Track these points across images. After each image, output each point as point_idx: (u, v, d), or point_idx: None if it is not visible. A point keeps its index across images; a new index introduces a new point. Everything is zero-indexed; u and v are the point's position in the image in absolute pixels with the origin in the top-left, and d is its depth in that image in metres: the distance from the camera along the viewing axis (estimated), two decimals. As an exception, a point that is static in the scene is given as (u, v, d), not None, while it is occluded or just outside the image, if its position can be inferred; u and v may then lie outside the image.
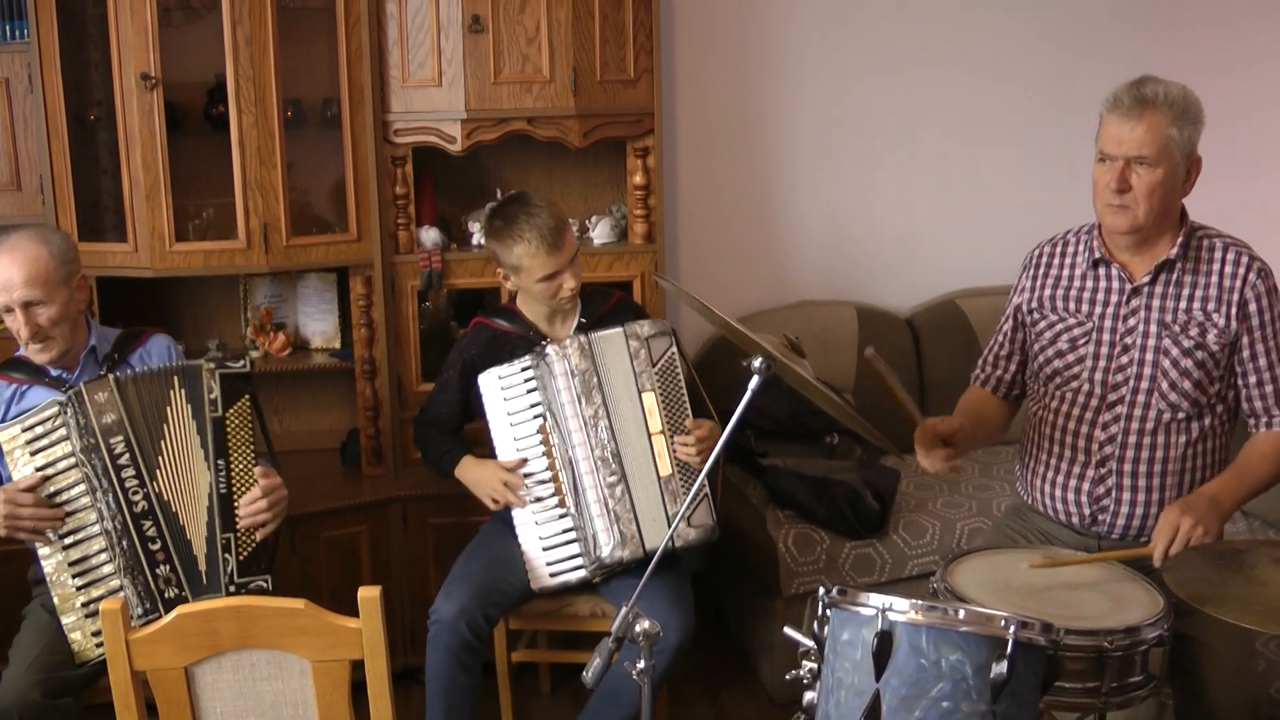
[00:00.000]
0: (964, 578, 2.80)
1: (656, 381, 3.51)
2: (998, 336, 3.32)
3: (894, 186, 5.07)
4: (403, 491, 4.18)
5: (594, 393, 3.49)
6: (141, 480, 3.13)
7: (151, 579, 3.12)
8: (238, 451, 3.19)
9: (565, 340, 3.53)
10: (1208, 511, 2.80)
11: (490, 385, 3.56)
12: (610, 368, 3.52)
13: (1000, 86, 5.08)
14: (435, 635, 3.39)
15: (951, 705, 2.18)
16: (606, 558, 3.46)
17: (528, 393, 3.53)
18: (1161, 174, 2.89)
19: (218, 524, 3.15)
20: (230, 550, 3.17)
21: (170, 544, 3.15)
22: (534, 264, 3.50)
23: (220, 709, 2.31)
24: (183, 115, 4.09)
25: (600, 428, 3.48)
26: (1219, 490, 2.90)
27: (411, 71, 4.06)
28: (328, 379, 4.45)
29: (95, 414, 3.11)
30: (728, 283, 4.93)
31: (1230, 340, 2.97)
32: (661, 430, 3.49)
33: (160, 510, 3.14)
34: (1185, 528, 2.75)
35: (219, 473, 3.16)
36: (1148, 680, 2.64)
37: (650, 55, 4.20)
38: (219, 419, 3.17)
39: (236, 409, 3.19)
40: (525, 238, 3.49)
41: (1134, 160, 2.89)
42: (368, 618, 2.20)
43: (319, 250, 4.10)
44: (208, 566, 3.15)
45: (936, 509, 4.23)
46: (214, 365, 3.19)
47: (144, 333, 3.47)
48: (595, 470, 3.48)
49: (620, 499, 3.47)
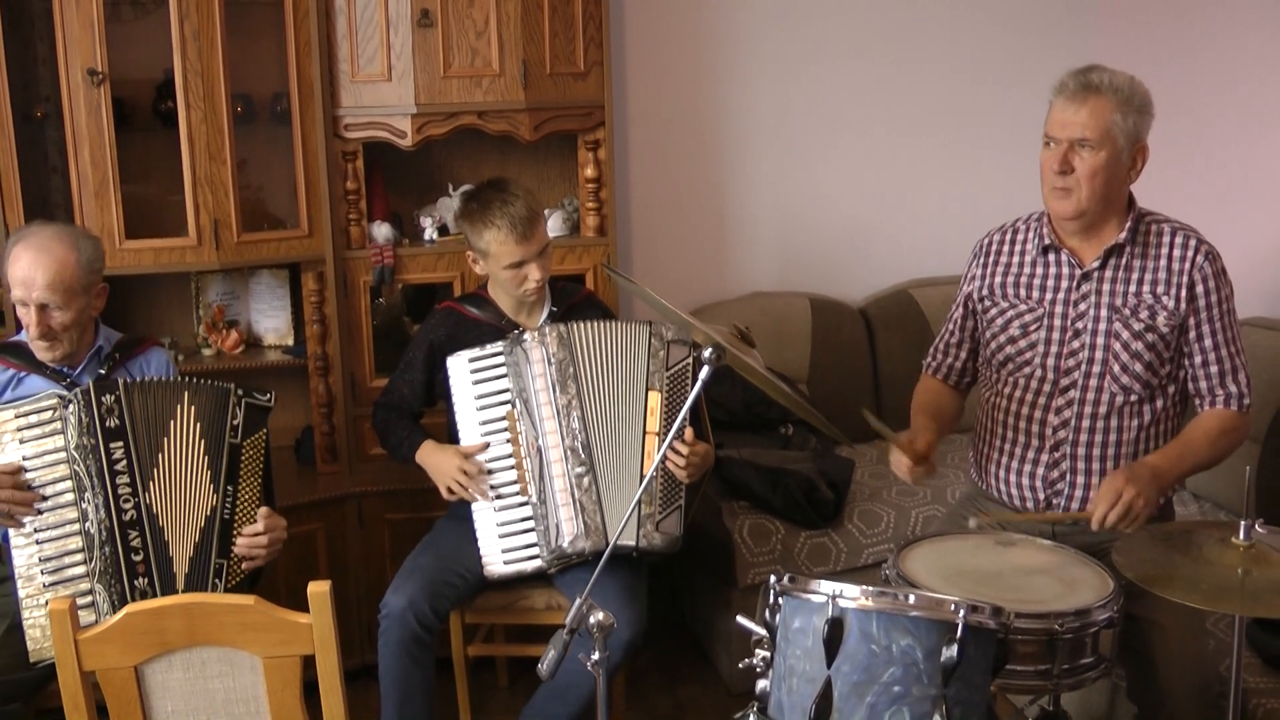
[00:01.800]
0: (916, 564, 2.82)
1: (666, 384, 3.49)
2: (949, 325, 3.34)
3: (847, 177, 5.08)
4: (358, 488, 4.17)
5: (569, 382, 3.48)
6: (134, 489, 3.08)
7: (128, 589, 3.07)
8: (246, 481, 3.16)
9: (544, 327, 3.52)
10: (1149, 482, 2.85)
11: (459, 368, 3.54)
12: (625, 357, 3.50)
13: (953, 77, 5.10)
14: (386, 630, 3.38)
15: (902, 690, 2.20)
16: (568, 547, 3.45)
17: (498, 378, 3.52)
18: (1104, 158, 2.93)
19: (214, 548, 3.11)
20: (221, 576, 3.13)
21: (153, 557, 3.09)
22: (502, 251, 3.51)
23: (171, 708, 2.29)
24: (131, 111, 4.06)
25: (573, 417, 3.47)
26: (1161, 462, 2.95)
27: (361, 66, 4.04)
28: (281, 376, 4.42)
29: (101, 415, 3.07)
30: (681, 275, 4.94)
31: (1179, 322, 3.01)
32: (658, 432, 3.46)
33: (148, 522, 3.09)
34: (1128, 495, 2.80)
35: (226, 498, 3.13)
36: (1098, 661, 2.67)
37: (600, 48, 4.20)
38: (236, 446, 3.15)
39: (254, 440, 3.18)
40: (496, 224, 3.49)
41: (1077, 143, 2.94)
42: (318, 612, 2.19)
43: (270, 246, 4.07)
44: (185, 586, 3.10)
45: (891, 498, 4.24)
46: (242, 393, 3.17)
47: (144, 341, 3.45)
48: (565, 459, 3.47)
49: (587, 490, 3.46)
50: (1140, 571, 2.49)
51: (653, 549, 3.45)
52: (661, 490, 3.46)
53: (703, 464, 3.49)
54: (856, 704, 2.21)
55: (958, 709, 2.21)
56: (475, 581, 3.53)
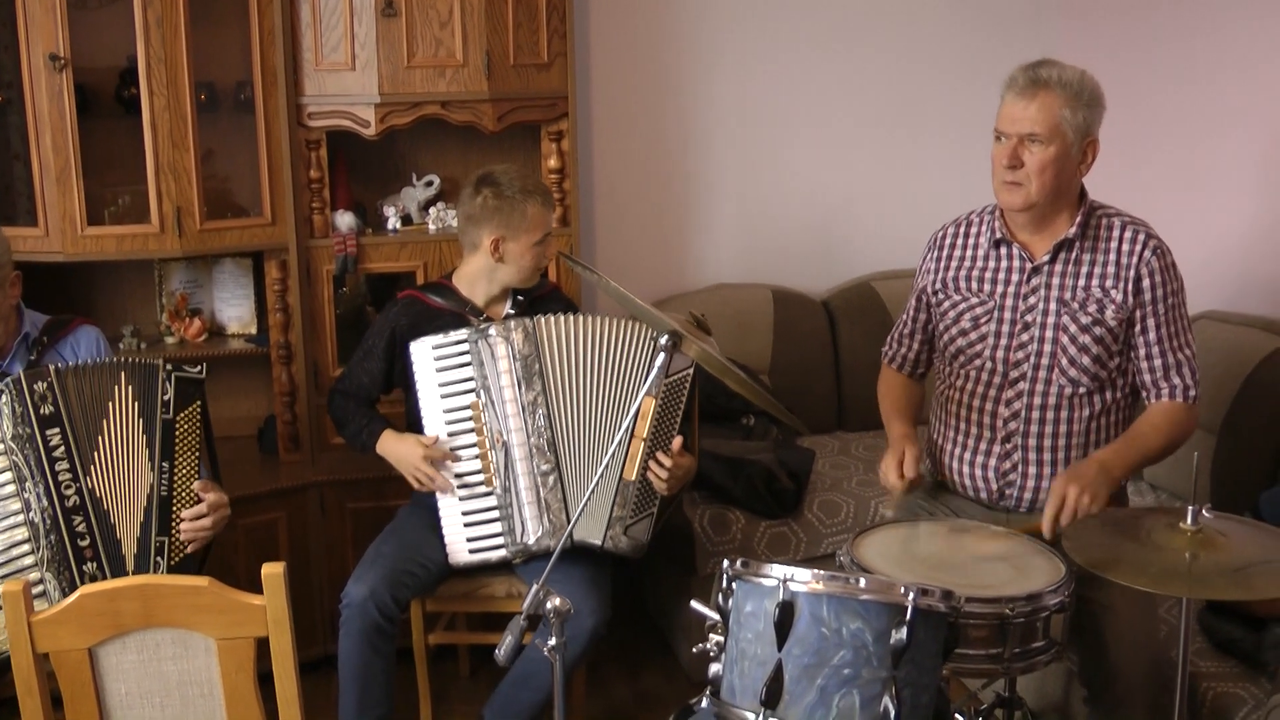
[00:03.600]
0: (870, 550, 2.84)
1: (663, 392, 3.46)
2: (904, 316, 3.38)
3: (809, 170, 5.10)
4: (321, 477, 4.17)
5: (535, 379, 3.47)
6: (75, 475, 3.04)
7: (77, 575, 3.04)
8: (183, 457, 3.12)
9: (509, 322, 3.52)
10: (1096, 478, 2.88)
11: (422, 354, 3.53)
12: (610, 357, 3.50)
13: (915, 70, 5.13)
14: (347, 619, 3.39)
15: (852, 672, 2.22)
16: (534, 545, 3.46)
17: (462, 365, 3.51)
18: (1053, 152, 2.97)
19: (154, 526, 3.09)
20: (163, 554, 3.10)
21: (99, 541, 3.06)
22: (538, 222, 3.59)
23: (125, 690, 2.28)
24: (94, 98, 4.04)
25: (538, 415, 3.46)
26: (1109, 457, 2.98)
27: (325, 55, 4.04)
28: (244, 365, 4.42)
29: (34, 403, 3.03)
30: (644, 266, 4.95)
31: (1127, 316, 3.04)
32: (645, 438, 3.44)
33: (92, 506, 3.06)
34: (1072, 496, 2.84)
35: (162, 475, 3.09)
36: (1050, 645, 2.71)
37: (564, 39, 4.21)
38: (169, 421, 3.10)
39: (187, 414, 3.13)
40: (534, 196, 3.57)
41: (1026, 138, 2.97)
42: (272, 594, 2.19)
43: (233, 235, 4.07)
44: (135, 566, 3.08)
45: (851, 488, 4.27)
46: (171, 367, 3.12)
47: (72, 322, 3.40)
48: (530, 457, 3.47)
49: (553, 488, 3.46)
50: (1090, 556, 2.52)
51: (618, 551, 3.46)
52: (637, 496, 3.46)
53: (684, 477, 3.50)
54: (807, 686, 2.23)
55: (907, 691, 2.23)
56: (438, 570, 3.53)
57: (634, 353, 3.49)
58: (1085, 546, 2.58)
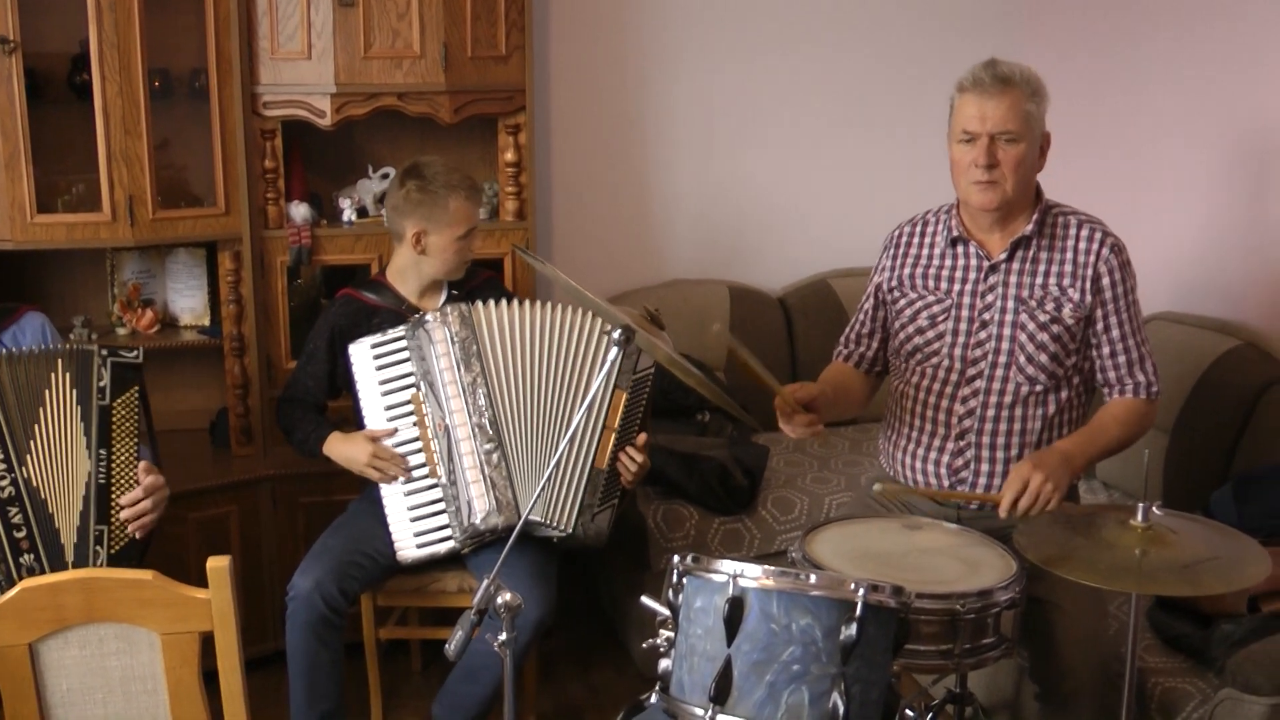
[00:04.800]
0: (822, 547, 2.84)
1: (631, 385, 3.49)
2: (859, 315, 3.36)
3: (767, 166, 5.10)
4: (272, 470, 4.14)
5: (473, 360, 3.47)
6: (9, 465, 2.98)
7: (14, 567, 2.98)
8: (121, 443, 3.07)
9: (446, 307, 3.52)
10: (1058, 467, 2.89)
11: (362, 355, 3.53)
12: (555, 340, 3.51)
13: (873, 70, 5.13)
14: (293, 611, 3.37)
15: (801, 669, 2.22)
16: (481, 524, 3.43)
17: (401, 362, 3.51)
18: (1024, 149, 2.99)
19: (92, 515, 3.03)
20: (102, 543, 3.04)
21: (36, 532, 3.00)
22: (462, 215, 3.57)
23: (67, 686, 2.25)
24: (45, 83, 3.99)
25: (479, 394, 3.46)
26: (1071, 448, 2.99)
27: (281, 43, 4.00)
28: (197, 357, 4.38)
29: None
30: (601, 261, 4.94)
31: (1085, 314, 3.05)
32: (615, 429, 3.47)
33: (29, 497, 3.00)
34: (1035, 482, 2.84)
35: (100, 462, 3.04)
36: (1000, 642, 2.72)
37: (522, 32, 4.19)
38: (106, 407, 3.05)
39: (125, 399, 3.07)
40: (459, 190, 3.56)
41: (999, 136, 2.97)
42: (217, 587, 2.17)
43: (186, 224, 4.03)
44: (74, 557, 3.03)
45: (805, 485, 4.27)
46: (107, 352, 3.06)
47: (18, 309, 3.33)
48: (473, 436, 3.46)
49: (497, 465, 3.45)
50: (1041, 552, 2.54)
51: (584, 539, 3.48)
52: (605, 486, 3.48)
53: (641, 473, 3.54)
54: (756, 682, 2.23)
55: (857, 687, 2.23)
56: (386, 564, 3.51)
57: (572, 335, 3.52)
58: (1037, 543, 2.59)
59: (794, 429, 3.00)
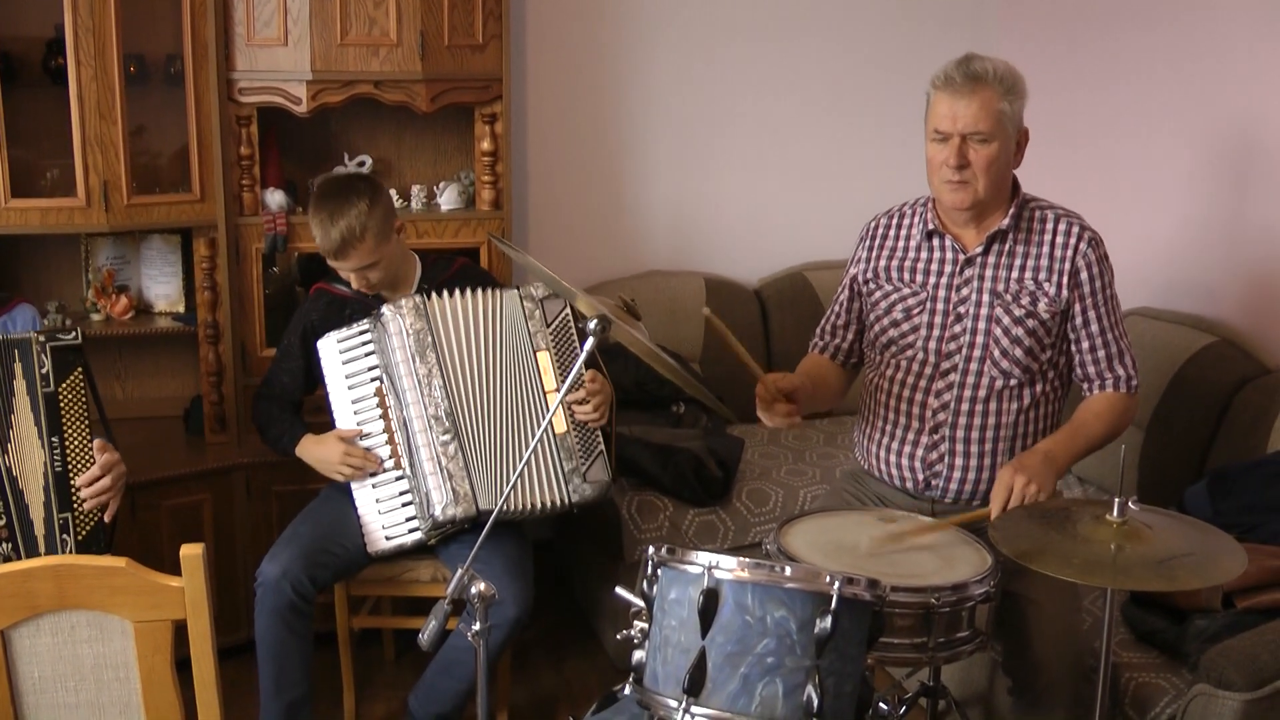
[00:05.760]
0: (796, 539, 2.84)
1: (551, 341, 3.50)
2: (835, 306, 3.37)
3: (744, 158, 5.10)
4: (246, 459, 4.12)
5: (428, 352, 3.46)
6: None
7: None
8: (73, 427, 3.04)
9: (401, 301, 3.49)
10: (1041, 468, 2.89)
11: (329, 350, 3.53)
12: (502, 326, 3.51)
13: (850, 60, 5.14)
14: (261, 598, 3.36)
15: (775, 661, 2.22)
16: (440, 515, 3.43)
17: (365, 356, 3.51)
18: (996, 148, 2.97)
19: (54, 504, 3.01)
20: (69, 531, 3.02)
21: (15, 520, 3.00)
22: (344, 257, 3.47)
23: (39, 673, 2.23)
24: (20, 67, 3.97)
25: (434, 386, 3.45)
26: (1053, 447, 2.99)
27: (257, 30, 3.98)
28: (171, 344, 4.36)
29: None
30: (577, 251, 4.93)
31: (1061, 309, 3.05)
32: (557, 388, 3.47)
33: (9, 485, 2.99)
34: (1019, 486, 2.84)
35: (53, 450, 3.01)
36: (974, 636, 2.72)
37: (499, 21, 4.17)
38: (51, 394, 3.01)
39: (70, 383, 3.03)
40: (314, 229, 3.49)
41: (970, 136, 2.96)
42: (190, 575, 2.15)
43: (161, 210, 4.01)
44: (45, 548, 3.02)
45: (780, 477, 4.27)
46: (44, 338, 3.02)
47: (11, 300, 3.34)
48: (429, 429, 3.45)
49: (454, 457, 3.44)
50: (1016, 547, 2.53)
51: (586, 500, 3.50)
52: (579, 442, 3.49)
53: (608, 399, 3.52)
54: (730, 674, 2.23)
55: (831, 680, 2.24)
56: (357, 554, 3.51)
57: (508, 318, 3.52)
58: (1012, 537, 2.59)
59: (772, 418, 3.01)
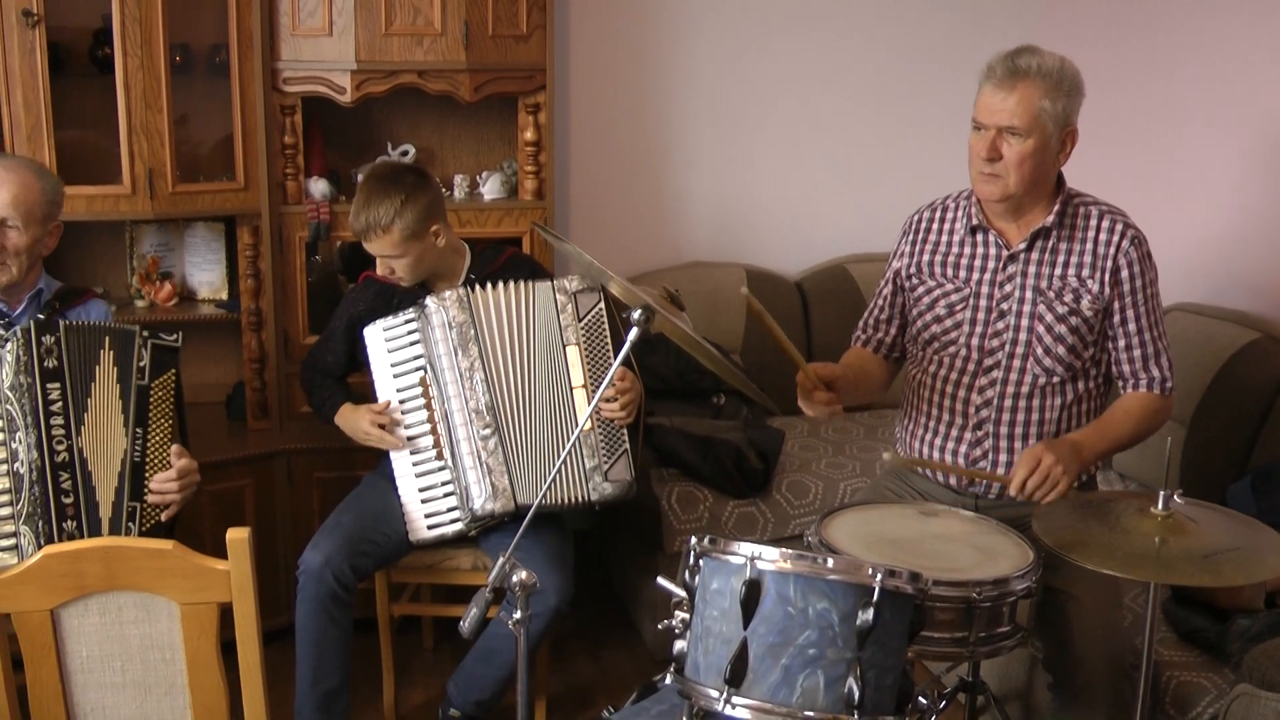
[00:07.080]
0: (838, 531, 2.84)
1: (582, 336, 3.49)
2: (877, 300, 3.35)
3: (786, 151, 5.09)
4: (288, 445, 4.15)
5: (470, 345, 3.47)
6: (68, 431, 3.03)
7: (56, 531, 3.01)
8: (156, 423, 3.12)
9: (446, 293, 3.49)
10: (1069, 454, 2.87)
11: (375, 337, 3.54)
12: (535, 319, 3.49)
13: (893, 53, 5.12)
14: (303, 586, 3.38)
15: (817, 652, 2.21)
16: (479, 510, 3.44)
17: (410, 345, 3.51)
18: (1032, 145, 2.93)
19: (126, 491, 3.07)
20: (135, 520, 3.09)
21: (82, 500, 3.05)
22: (376, 246, 3.47)
23: (86, 653, 2.26)
24: (67, 56, 4.01)
25: (475, 380, 3.46)
26: (1082, 439, 2.97)
27: (302, 20, 4.00)
28: (214, 330, 4.39)
29: (40, 355, 3.01)
30: (618, 241, 4.94)
31: (1103, 306, 3.03)
32: (584, 384, 3.47)
33: (79, 465, 3.04)
34: (1046, 462, 2.83)
35: (135, 440, 3.09)
36: (1015, 631, 2.71)
37: (544, 11, 4.18)
38: (145, 387, 3.11)
39: (162, 381, 3.14)
40: (352, 213, 3.47)
41: (1005, 130, 2.93)
42: (236, 559, 2.17)
43: (205, 198, 4.04)
44: (109, 529, 3.06)
45: (820, 469, 4.27)
46: (147, 334, 3.13)
47: (85, 294, 3.40)
48: (469, 423, 3.46)
49: (493, 452, 3.45)
50: (1058, 538, 2.52)
51: (606, 499, 3.48)
52: (603, 440, 3.48)
53: (637, 399, 3.50)
54: (771, 665, 2.23)
55: (872, 672, 2.23)
56: (398, 541, 3.52)
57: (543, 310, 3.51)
58: (1054, 528, 2.58)
59: (813, 407, 3.00)
